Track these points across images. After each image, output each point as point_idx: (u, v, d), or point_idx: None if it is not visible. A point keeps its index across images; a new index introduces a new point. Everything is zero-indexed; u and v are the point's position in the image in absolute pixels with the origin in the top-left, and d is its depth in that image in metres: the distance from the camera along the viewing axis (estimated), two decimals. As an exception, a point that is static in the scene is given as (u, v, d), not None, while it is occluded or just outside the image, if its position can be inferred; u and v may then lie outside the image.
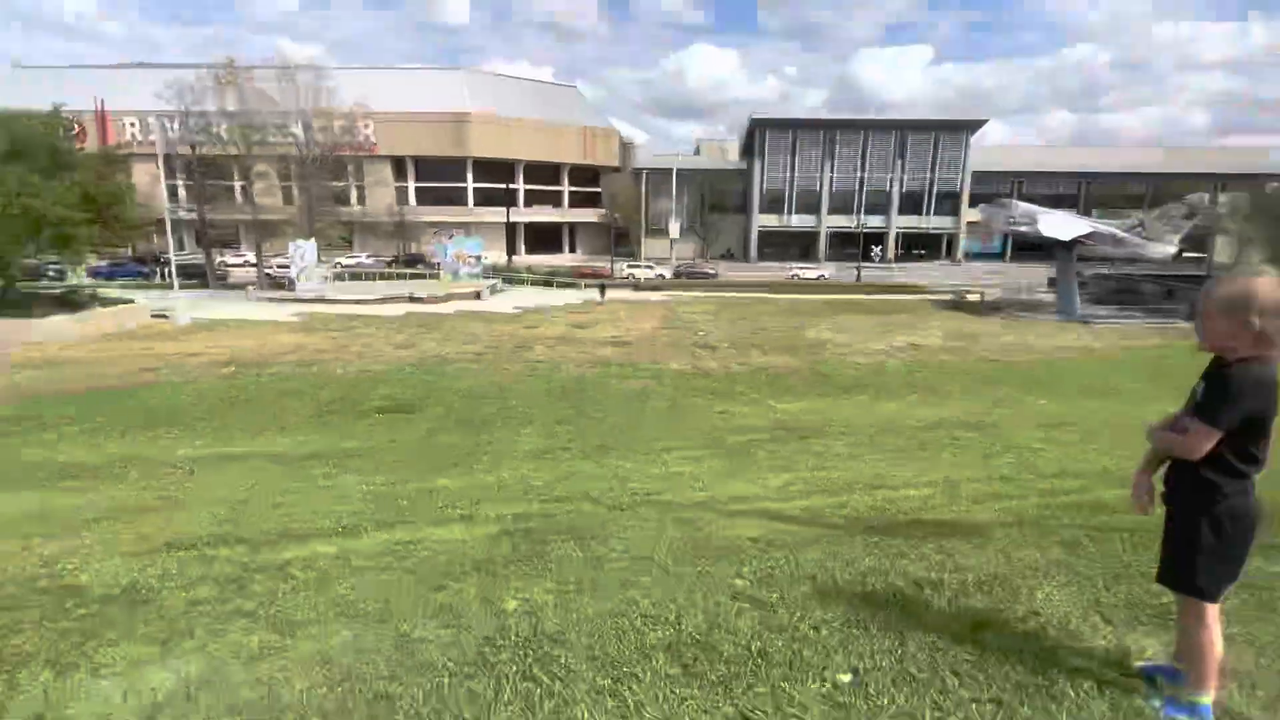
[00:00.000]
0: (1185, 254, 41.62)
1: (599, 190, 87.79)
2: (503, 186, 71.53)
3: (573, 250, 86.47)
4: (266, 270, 49.26)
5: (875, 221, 79.02)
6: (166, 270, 47.55)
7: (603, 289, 47.38)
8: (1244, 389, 1.98)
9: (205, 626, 2.88)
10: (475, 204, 76.41)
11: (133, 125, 67.15)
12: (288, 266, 45.10)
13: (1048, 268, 57.14)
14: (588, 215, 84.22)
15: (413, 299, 41.45)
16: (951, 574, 3.19)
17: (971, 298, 47.87)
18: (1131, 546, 3.58)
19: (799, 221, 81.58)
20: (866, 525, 4.37)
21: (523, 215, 78.59)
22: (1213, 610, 2.13)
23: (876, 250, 72.30)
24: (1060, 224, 43.54)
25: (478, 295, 44.29)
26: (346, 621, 2.84)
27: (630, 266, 62.83)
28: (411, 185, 75.89)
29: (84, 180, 29.18)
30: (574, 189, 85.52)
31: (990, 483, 6.50)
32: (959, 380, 23.35)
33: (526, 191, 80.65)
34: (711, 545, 3.91)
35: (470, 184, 76.39)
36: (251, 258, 54.60)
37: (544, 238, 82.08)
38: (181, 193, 59.92)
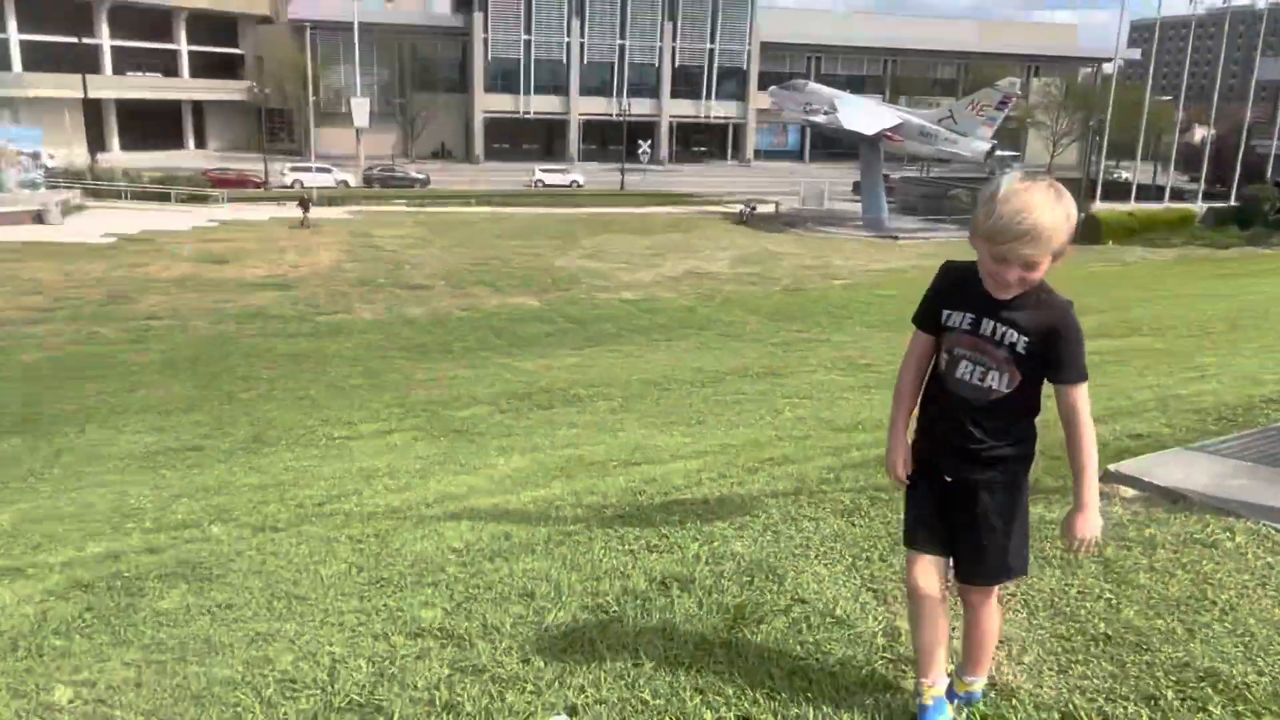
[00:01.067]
0: (998, 151, 48.73)
1: (239, 52, 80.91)
2: (72, 40, 62.94)
3: (202, 145, 79.27)
4: None
5: (642, 107, 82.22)
6: None
7: (305, 205, 44.34)
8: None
9: None
10: (25, 67, 66.47)
11: None
12: None
13: (853, 169, 63.86)
14: (223, 91, 77.43)
15: (-81, 225, 35.46)
16: (707, 566, 3.47)
17: (764, 209, 52.05)
18: (914, 506, 4.16)
19: (541, 105, 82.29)
20: (614, 515, 4.59)
21: (113, 88, 70.08)
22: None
23: (645, 147, 75.34)
24: (864, 114, 48.67)
25: (39, 217, 39.31)
26: None
27: (296, 170, 59.08)
28: (-100, 32, 63.93)
29: None
30: (198, 49, 77.89)
31: (774, 445, 7.18)
32: (749, 316, 25.53)
33: (116, 50, 71.87)
34: (398, 566, 3.88)
35: (13, 34, 66.15)
36: None
37: (153, 125, 74.11)
38: None
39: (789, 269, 34.85)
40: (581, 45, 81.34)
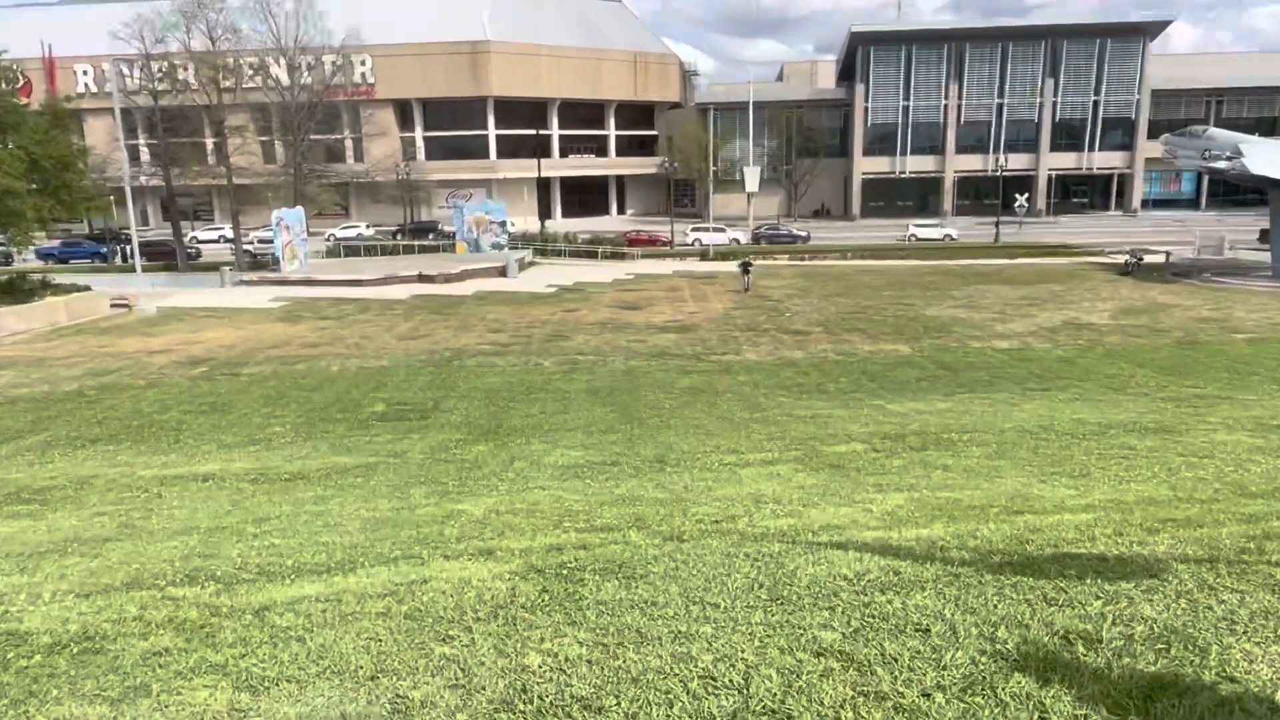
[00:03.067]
0: None
1: (654, 133, 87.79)
2: (532, 133, 72.26)
3: (622, 211, 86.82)
4: (245, 246, 51.11)
5: (1019, 162, 76.80)
6: (128, 250, 49.83)
7: (746, 268, 40.19)
8: None
9: (164, 683, 3.00)
10: (498, 155, 77.46)
11: (85, 73, 70.54)
12: (270, 241, 46.65)
13: (1257, 217, 54.49)
14: (640, 166, 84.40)
15: (422, 278, 42.37)
16: (1115, 626, 3.08)
17: (1152, 259, 46.22)
18: (1368, 591, 3.39)
19: (916, 165, 79.98)
20: (1002, 562, 4.26)
21: (558, 168, 79.31)
22: None
23: (1021, 200, 69.97)
24: (1276, 157, 41.57)
25: (503, 271, 44.97)
26: (332, 679, 2.92)
27: (695, 230, 62.69)
28: (419, 134, 77.45)
29: (29, 143, 30.61)
30: (622, 133, 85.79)
31: (1175, 505, 6.26)
32: (1135, 370, 22.60)
33: (562, 138, 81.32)
34: (794, 586, 3.88)
35: (491, 131, 77.48)
36: (228, 231, 56.70)
37: (586, 197, 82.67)
38: (144, 154, 62.67)
39: (1180, 321, 30.39)
40: (959, 106, 77.97)
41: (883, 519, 6.36)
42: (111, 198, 45.85)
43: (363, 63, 69.32)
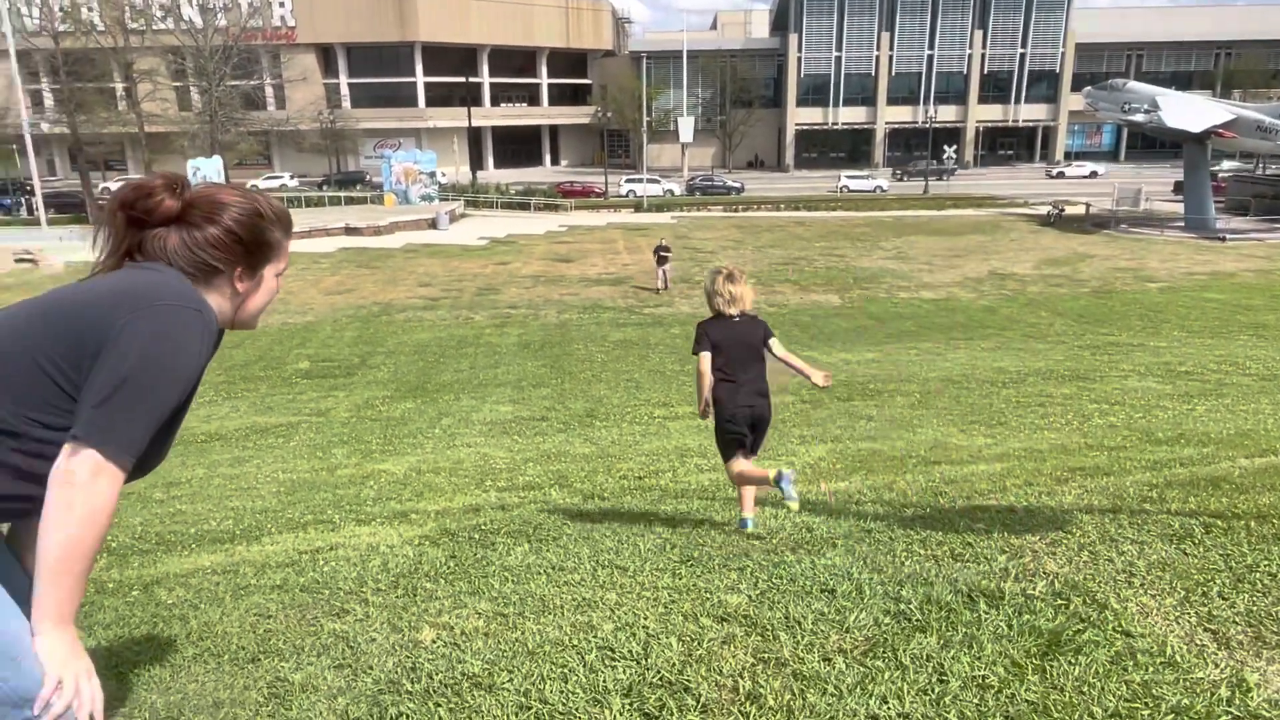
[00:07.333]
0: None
1: (587, 82, 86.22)
2: (462, 81, 70.27)
3: (555, 162, 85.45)
4: (161, 198, 48.95)
5: (948, 114, 77.66)
6: (32, 201, 47.22)
7: (663, 255, 28.86)
8: None
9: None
10: (427, 104, 75.24)
11: (-23, 12, 66.00)
12: (188, 192, 44.88)
13: (1173, 169, 56.31)
14: (573, 116, 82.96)
15: (349, 230, 41.27)
16: (1017, 581, 3.06)
17: (1074, 210, 47.34)
18: (1260, 538, 3.44)
19: (849, 116, 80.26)
20: (915, 515, 4.26)
21: (490, 117, 77.45)
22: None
23: (950, 152, 70.99)
24: (1190, 111, 42.67)
25: (433, 224, 44.04)
26: (209, 661, 2.74)
27: (630, 181, 62.04)
28: (344, 81, 74.72)
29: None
30: (555, 81, 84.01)
31: (1085, 453, 6.39)
32: (1054, 318, 23.25)
33: (493, 86, 79.32)
34: (707, 547, 3.81)
35: (420, 78, 75.12)
36: (142, 182, 54.19)
37: (518, 147, 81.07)
38: (49, 100, 59.17)
39: (1098, 271, 31.32)
40: (890, 58, 78.26)
41: (803, 472, 6.35)
42: (15, 147, 43.32)
43: (281, 4, 66.36)
